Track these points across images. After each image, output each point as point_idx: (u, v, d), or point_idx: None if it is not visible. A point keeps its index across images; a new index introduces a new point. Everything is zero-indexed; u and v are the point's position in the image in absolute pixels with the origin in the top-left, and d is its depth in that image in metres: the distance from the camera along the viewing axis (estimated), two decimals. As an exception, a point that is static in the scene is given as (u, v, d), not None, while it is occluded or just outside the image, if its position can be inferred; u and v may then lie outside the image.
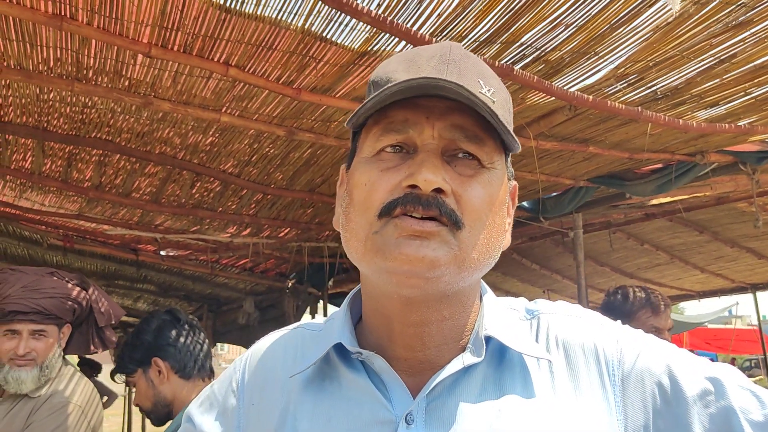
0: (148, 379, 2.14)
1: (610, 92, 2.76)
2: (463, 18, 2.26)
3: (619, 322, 0.89)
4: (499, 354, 0.82)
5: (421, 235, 0.74)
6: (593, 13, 2.21)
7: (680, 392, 0.77)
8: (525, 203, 4.56)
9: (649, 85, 2.73)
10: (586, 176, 4.04)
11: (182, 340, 2.16)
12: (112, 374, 2.40)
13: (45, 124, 3.39)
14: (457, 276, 0.76)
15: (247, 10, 2.28)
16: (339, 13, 2.22)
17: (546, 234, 5.70)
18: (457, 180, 0.77)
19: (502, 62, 2.44)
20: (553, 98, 2.73)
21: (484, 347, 0.79)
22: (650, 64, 2.53)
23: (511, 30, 2.31)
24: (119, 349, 2.45)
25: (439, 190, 0.75)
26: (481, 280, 0.88)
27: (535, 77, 2.46)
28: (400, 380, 0.79)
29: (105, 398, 6.73)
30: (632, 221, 5.77)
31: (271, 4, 2.24)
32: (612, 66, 2.55)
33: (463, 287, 0.80)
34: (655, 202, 4.95)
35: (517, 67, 2.48)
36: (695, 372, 0.79)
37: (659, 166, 3.88)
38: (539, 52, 2.43)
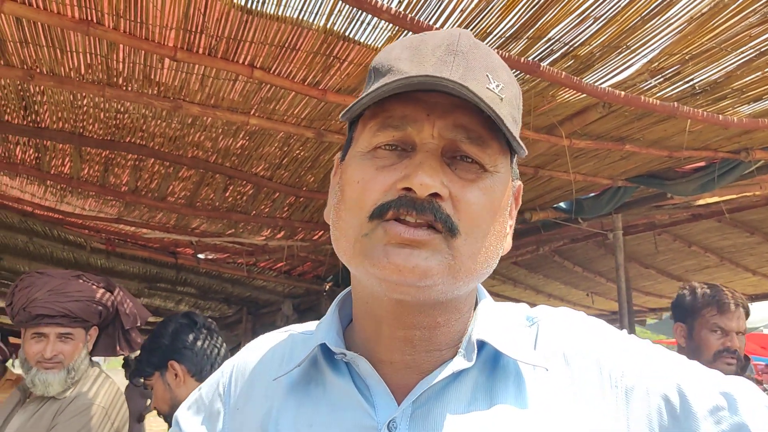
0: (165, 383, 2.14)
1: (645, 88, 2.66)
2: (487, 13, 2.20)
3: (625, 331, 0.82)
4: (493, 360, 0.76)
5: (411, 244, 0.69)
6: (623, 5, 2.12)
7: (690, 407, 0.71)
8: (562, 204, 4.45)
9: (686, 79, 2.62)
10: (624, 176, 3.91)
11: (199, 343, 2.16)
12: (131, 377, 2.41)
13: (81, 130, 3.44)
14: (452, 285, 0.72)
15: (268, 11, 2.27)
16: (360, 11, 2.19)
17: (587, 236, 5.57)
18: (457, 184, 0.72)
19: (528, 58, 2.38)
20: (585, 95, 2.64)
21: (476, 352, 0.74)
22: (686, 58, 2.43)
23: (537, 25, 2.24)
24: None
25: (435, 195, 0.70)
26: (479, 285, 0.83)
27: (564, 73, 2.38)
28: (384, 385, 0.75)
29: (149, 401, 6.82)
30: (678, 222, 5.58)
31: (292, 5, 2.22)
32: (645, 60, 2.45)
33: (459, 294, 0.75)
34: (701, 202, 4.77)
35: (545, 64, 2.41)
36: (706, 386, 0.73)
37: (702, 164, 3.73)
38: (567, 47, 2.35)
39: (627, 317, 4.59)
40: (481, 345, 0.76)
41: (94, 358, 2.66)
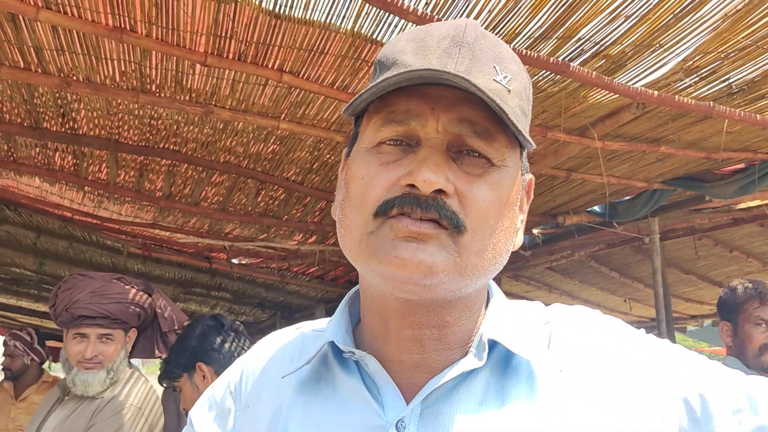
0: (193, 384, 2.16)
1: (680, 87, 2.60)
2: (515, 14, 2.18)
3: (642, 330, 0.79)
4: (504, 360, 0.74)
5: (417, 237, 0.68)
6: (654, 2, 2.08)
7: (710, 409, 0.68)
8: (596, 207, 4.38)
9: (722, 78, 2.56)
10: (660, 178, 3.83)
11: (226, 345, 2.17)
12: (160, 379, 2.45)
13: (117, 136, 3.51)
14: (458, 283, 0.70)
15: (296, 15, 2.28)
16: (387, 14, 2.19)
17: (624, 240, 5.47)
18: (463, 179, 0.70)
19: (558, 59, 2.35)
20: (617, 96, 2.60)
21: (487, 351, 0.72)
22: (722, 56, 2.37)
23: (567, 24, 2.21)
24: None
25: (440, 191, 0.68)
26: (491, 282, 0.81)
27: (594, 73, 2.35)
28: (393, 384, 0.73)
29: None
30: (719, 227, 5.43)
31: (319, 8, 2.23)
32: (679, 59, 2.40)
33: (468, 292, 0.74)
34: (742, 206, 4.65)
35: (575, 63, 2.38)
36: (727, 387, 0.70)
37: (741, 166, 3.63)
38: (598, 46, 2.32)
39: (666, 324, 4.49)
40: (493, 344, 0.74)
41: (132, 360, 2.71)
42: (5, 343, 4.80)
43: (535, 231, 4.64)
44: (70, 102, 3.16)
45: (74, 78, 2.80)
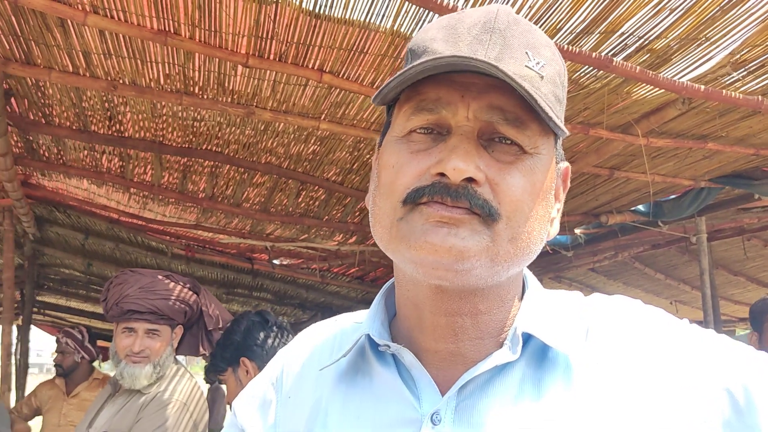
0: (237, 378, 2.19)
1: (727, 82, 2.54)
2: (556, 9, 2.16)
3: (686, 320, 0.77)
4: (540, 352, 0.73)
5: (449, 222, 0.67)
6: (700, -6, 2.04)
7: (754, 401, 0.66)
8: (641, 207, 4.30)
9: (772, 72, 2.49)
10: (707, 176, 3.74)
11: (270, 341, 2.20)
12: (206, 373, 2.50)
13: (161, 138, 3.58)
14: (490, 270, 0.69)
15: (336, 15, 2.30)
16: (427, 12, 2.18)
17: (670, 241, 5.36)
18: (495, 167, 0.69)
19: (601, 54, 2.31)
20: (662, 91, 2.55)
21: (521, 345, 0.71)
22: (771, 48, 2.31)
23: (610, 19, 2.18)
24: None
25: (471, 179, 0.67)
26: (527, 271, 0.80)
27: (638, 68, 2.30)
28: (429, 377, 0.73)
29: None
30: (768, 227, 5.30)
31: (359, 8, 2.24)
32: (726, 52, 2.34)
33: (501, 281, 0.73)
34: (794, 204, 4.52)
35: (619, 58, 2.34)
36: None
37: (792, 163, 3.53)
38: (642, 40, 2.27)
39: (714, 327, 4.38)
40: (528, 337, 0.73)
41: (177, 358, 2.76)
42: (57, 341, 4.94)
43: (577, 231, 4.58)
44: (116, 105, 3.23)
45: (120, 81, 2.87)
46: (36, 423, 4.94)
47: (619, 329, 0.74)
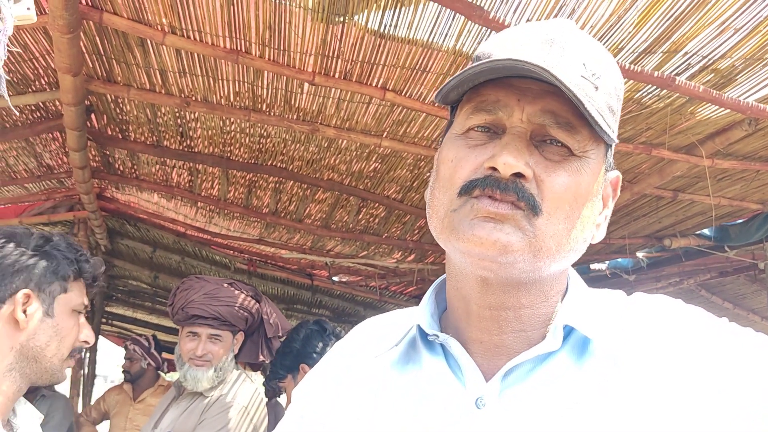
0: (297, 385, 2.25)
1: (797, 102, 2.49)
2: (619, 28, 2.17)
3: (725, 319, 0.79)
4: (581, 345, 0.77)
5: (495, 218, 0.72)
6: (765, 15, 2.02)
7: None
8: (706, 231, 4.20)
9: None
10: (776, 200, 3.64)
11: (328, 349, 2.25)
12: (267, 380, 2.56)
13: (228, 154, 3.72)
14: (532, 264, 0.74)
15: (400, 35, 2.37)
16: (488, 31, 2.23)
17: (738, 268, 5.19)
18: (542, 164, 0.74)
19: (665, 73, 2.31)
20: (727, 111, 2.52)
21: (562, 336, 0.76)
22: (843, 68, 2.26)
23: (673, 38, 2.18)
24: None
25: (519, 175, 0.73)
26: (571, 270, 0.84)
27: (701, 87, 2.29)
28: (475, 364, 0.78)
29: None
30: (843, 255, 5.07)
31: (423, 27, 2.31)
32: (795, 72, 2.30)
33: (543, 276, 0.77)
34: None
35: (682, 78, 2.33)
36: None
37: None
38: (706, 60, 2.26)
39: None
40: (569, 330, 0.77)
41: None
42: (126, 347, 5.15)
43: (639, 254, 4.49)
44: (188, 121, 3.39)
45: (193, 98, 3.02)
46: (103, 427, 5.14)
47: (659, 325, 0.77)
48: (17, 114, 3.31)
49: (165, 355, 5.37)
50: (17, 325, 1.45)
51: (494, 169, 0.73)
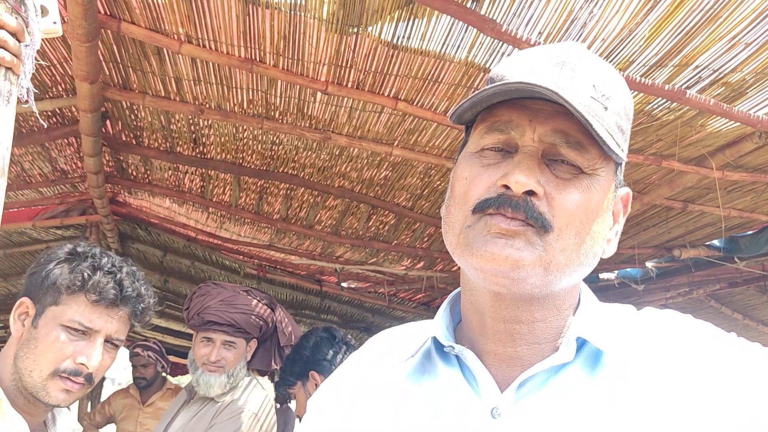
0: (306, 391, 2.27)
1: (807, 116, 2.49)
2: (630, 42, 2.19)
3: (734, 334, 0.81)
4: (594, 357, 0.79)
5: (507, 234, 0.75)
6: (776, 29, 2.04)
7: None
8: (716, 242, 4.20)
9: None
10: (787, 212, 3.64)
11: (338, 357, 2.28)
12: (276, 386, 2.59)
13: (240, 160, 3.76)
14: (543, 278, 0.76)
15: (413, 46, 2.39)
16: (500, 43, 2.26)
17: (747, 279, 5.18)
18: (553, 182, 0.77)
19: (675, 86, 2.32)
20: (738, 124, 2.53)
21: (575, 348, 0.78)
22: None
23: (684, 52, 2.20)
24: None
25: (531, 193, 0.75)
26: (583, 284, 0.86)
27: (712, 100, 2.30)
28: (490, 375, 0.80)
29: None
30: None
31: (435, 38, 2.33)
32: (805, 86, 2.31)
33: (555, 291, 0.80)
34: None
35: (693, 91, 2.35)
36: None
37: None
38: (717, 74, 2.28)
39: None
40: (582, 342, 0.79)
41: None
42: (139, 354, 5.15)
43: (648, 264, 4.50)
44: (201, 128, 3.42)
45: (207, 106, 3.05)
46: (108, 431, 5.17)
47: (670, 339, 0.80)
48: (42, 123, 3.36)
49: (173, 359, 5.41)
50: (16, 333, 1.42)
51: (507, 187, 0.76)
